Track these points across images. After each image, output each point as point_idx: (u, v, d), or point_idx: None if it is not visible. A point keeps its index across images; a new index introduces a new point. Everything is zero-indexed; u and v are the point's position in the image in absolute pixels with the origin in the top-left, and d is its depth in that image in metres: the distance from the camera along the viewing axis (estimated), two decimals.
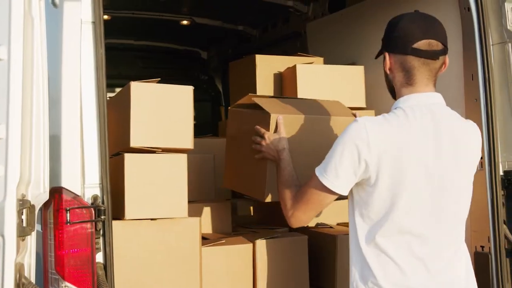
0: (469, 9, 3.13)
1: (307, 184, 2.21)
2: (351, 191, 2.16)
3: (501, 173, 3.07)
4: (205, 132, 4.07)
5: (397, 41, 2.15)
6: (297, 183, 2.36)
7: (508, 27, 3.06)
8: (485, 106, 3.08)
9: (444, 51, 2.16)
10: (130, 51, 5.63)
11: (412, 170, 2.06)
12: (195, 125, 2.66)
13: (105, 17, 4.64)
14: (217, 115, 5.91)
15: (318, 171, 2.16)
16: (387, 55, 2.19)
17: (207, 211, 3.13)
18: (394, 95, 2.24)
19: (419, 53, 2.12)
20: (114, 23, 4.82)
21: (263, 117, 2.64)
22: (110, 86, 2.90)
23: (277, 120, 2.61)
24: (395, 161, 2.05)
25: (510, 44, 3.06)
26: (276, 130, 2.61)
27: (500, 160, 3.07)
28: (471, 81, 3.15)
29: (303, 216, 2.26)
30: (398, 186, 2.06)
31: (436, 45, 2.13)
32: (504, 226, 3.03)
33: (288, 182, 2.39)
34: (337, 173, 2.10)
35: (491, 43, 3.10)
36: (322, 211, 2.37)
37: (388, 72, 2.21)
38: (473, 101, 3.15)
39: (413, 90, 2.16)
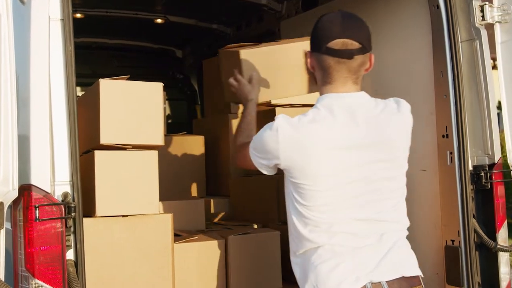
0: (438, 6, 3.15)
1: (249, 146, 2.30)
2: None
3: (470, 168, 3.11)
4: (180, 131, 4.07)
5: (315, 40, 2.22)
6: (251, 133, 2.50)
7: (476, 25, 3.09)
8: (454, 102, 3.11)
9: (361, 50, 2.17)
10: (105, 50, 5.57)
11: (326, 161, 2.11)
12: (171, 124, 2.67)
13: (78, 15, 4.67)
14: (193, 113, 5.89)
15: (250, 145, 2.29)
16: (308, 53, 2.27)
17: (180, 208, 3.12)
18: None
19: (332, 53, 2.16)
20: (88, 21, 4.79)
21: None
22: (85, 85, 2.89)
23: (252, 75, 2.74)
24: (305, 156, 2.12)
25: (478, 41, 3.08)
26: (250, 82, 2.73)
27: (469, 156, 3.11)
28: (440, 78, 3.18)
29: (242, 165, 2.43)
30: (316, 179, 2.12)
31: (351, 44, 2.15)
32: (474, 220, 3.06)
33: (243, 130, 2.57)
34: (257, 158, 2.25)
35: (459, 40, 3.13)
36: None
37: (311, 70, 2.28)
38: (443, 97, 3.18)
39: (331, 89, 2.22)
